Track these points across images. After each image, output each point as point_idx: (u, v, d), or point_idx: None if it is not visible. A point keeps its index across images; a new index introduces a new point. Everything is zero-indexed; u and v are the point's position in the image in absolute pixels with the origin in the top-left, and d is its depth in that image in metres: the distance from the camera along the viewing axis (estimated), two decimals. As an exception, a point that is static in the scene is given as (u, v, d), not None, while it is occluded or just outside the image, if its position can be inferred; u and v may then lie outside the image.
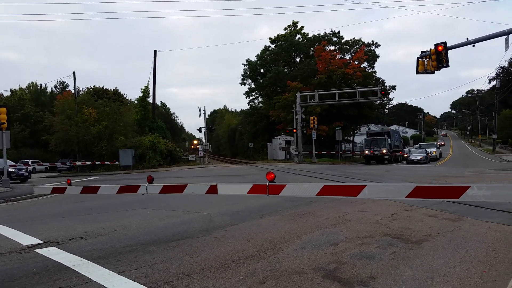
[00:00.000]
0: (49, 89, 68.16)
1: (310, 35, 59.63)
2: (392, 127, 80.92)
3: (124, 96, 57.20)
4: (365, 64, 54.38)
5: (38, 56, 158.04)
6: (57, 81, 69.70)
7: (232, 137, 75.88)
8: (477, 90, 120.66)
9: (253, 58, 63.76)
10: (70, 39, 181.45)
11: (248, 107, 67.57)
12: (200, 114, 50.10)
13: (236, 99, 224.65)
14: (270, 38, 61.06)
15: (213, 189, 5.24)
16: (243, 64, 64.83)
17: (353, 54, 55.34)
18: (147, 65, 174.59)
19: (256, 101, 65.47)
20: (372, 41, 57.62)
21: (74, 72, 39.62)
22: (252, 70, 63.44)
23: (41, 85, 66.91)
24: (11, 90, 59.99)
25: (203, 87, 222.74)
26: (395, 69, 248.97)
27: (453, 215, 8.21)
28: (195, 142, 52.32)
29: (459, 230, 6.77)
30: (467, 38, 19.30)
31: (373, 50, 56.99)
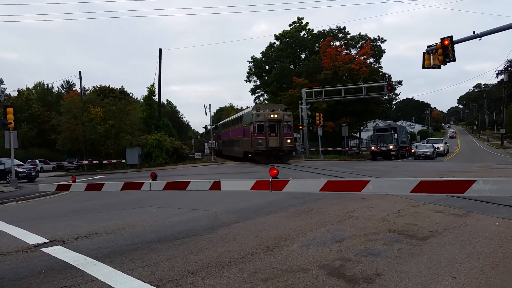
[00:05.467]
0: (55, 89, 68.71)
1: (315, 31, 59.44)
2: (399, 123, 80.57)
3: (130, 94, 57.43)
4: (371, 60, 54.05)
5: (38, 56, 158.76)
6: (64, 81, 70.16)
7: (238, 134, 75.82)
8: (484, 84, 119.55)
9: (256, 55, 63.92)
10: (69, 39, 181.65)
11: (254, 104, 67.59)
12: (205, 112, 50.17)
13: (239, 96, 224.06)
14: (275, 35, 61.01)
15: (216, 186, 5.22)
16: (248, 61, 64.93)
17: (358, 49, 55.02)
18: (148, 63, 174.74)
19: (261, 98, 65.55)
20: (378, 36, 57.51)
21: (80, 72, 39.86)
22: (257, 67, 63.43)
23: (47, 85, 67.48)
24: (18, 91, 60.49)
25: (204, 84, 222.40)
26: (400, 63, 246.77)
27: (460, 210, 8.13)
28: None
29: (466, 226, 6.70)
30: (474, 32, 19.07)
31: (379, 45, 56.68)
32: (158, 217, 8.81)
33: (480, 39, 19.14)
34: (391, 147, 37.64)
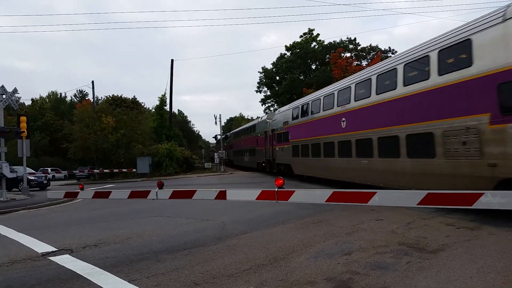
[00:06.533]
0: (68, 98, 69.67)
1: (325, 42, 59.57)
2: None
3: (142, 104, 57.97)
4: (382, 71, 53.74)
5: (52, 66, 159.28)
6: (77, 90, 71.15)
7: (248, 144, 75.75)
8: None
9: (266, 65, 64.19)
10: (82, 49, 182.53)
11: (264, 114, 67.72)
12: (215, 122, 50.22)
13: (249, 106, 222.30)
14: (286, 46, 61.30)
15: (222, 195, 5.21)
16: (258, 71, 65.34)
17: (369, 61, 54.91)
18: (159, 72, 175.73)
19: (271, 108, 65.56)
20: (389, 47, 57.34)
21: (92, 81, 40.47)
22: (268, 78, 63.72)
23: (60, 94, 68.47)
24: (32, 99, 61.44)
25: (214, 94, 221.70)
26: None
27: (472, 223, 7.99)
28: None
29: (477, 239, 6.57)
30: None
31: (390, 56, 56.52)
32: (166, 227, 8.82)
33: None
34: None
